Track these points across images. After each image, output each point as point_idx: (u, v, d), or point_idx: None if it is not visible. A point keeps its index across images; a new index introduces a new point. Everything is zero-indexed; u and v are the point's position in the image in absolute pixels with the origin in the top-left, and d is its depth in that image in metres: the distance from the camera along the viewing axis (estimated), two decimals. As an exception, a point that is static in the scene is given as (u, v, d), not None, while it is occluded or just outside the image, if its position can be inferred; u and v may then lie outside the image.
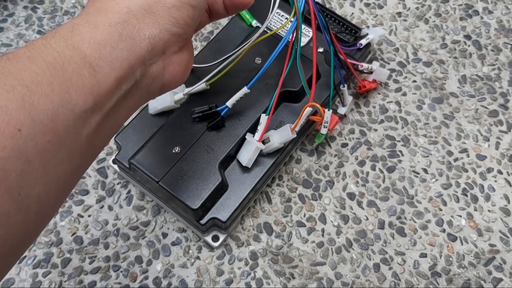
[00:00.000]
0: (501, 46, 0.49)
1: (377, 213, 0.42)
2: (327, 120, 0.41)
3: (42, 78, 0.22)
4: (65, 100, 0.22)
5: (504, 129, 0.46)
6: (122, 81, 0.25)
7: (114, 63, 0.24)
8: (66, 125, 0.22)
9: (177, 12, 0.26)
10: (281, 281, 0.40)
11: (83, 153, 0.24)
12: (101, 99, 0.24)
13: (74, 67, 0.23)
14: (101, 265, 0.40)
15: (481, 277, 0.40)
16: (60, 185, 0.23)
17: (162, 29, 0.26)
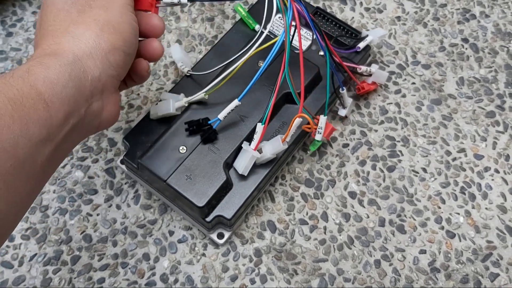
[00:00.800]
0: (498, 49, 0.51)
1: (378, 211, 0.43)
2: (321, 126, 0.41)
3: (4, 111, 0.25)
4: (24, 131, 0.26)
5: (501, 130, 0.47)
6: (70, 116, 0.29)
7: (64, 99, 0.28)
8: (25, 153, 0.26)
9: (113, 57, 0.31)
10: (284, 277, 0.41)
11: (38, 178, 0.28)
12: (53, 131, 0.28)
13: (31, 102, 0.26)
14: (109, 262, 0.41)
15: (479, 272, 0.41)
16: (19, 204, 0.27)
17: (101, 71, 0.30)
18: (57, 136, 0.28)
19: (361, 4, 0.53)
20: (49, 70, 0.28)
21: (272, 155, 0.40)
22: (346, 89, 0.44)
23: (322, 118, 0.41)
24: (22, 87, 0.27)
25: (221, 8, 0.52)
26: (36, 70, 0.28)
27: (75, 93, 0.29)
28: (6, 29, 0.51)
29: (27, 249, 0.41)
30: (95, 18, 0.31)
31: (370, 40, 0.46)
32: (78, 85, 0.29)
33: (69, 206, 0.43)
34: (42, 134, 0.27)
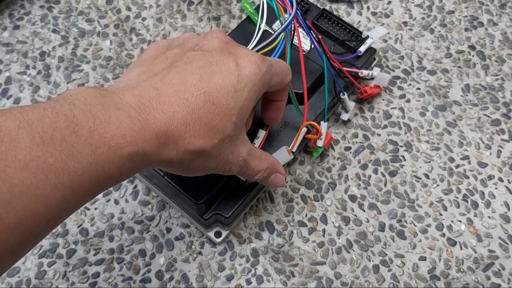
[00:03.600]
0: (505, 57, 0.50)
1: (378, 215, 0.43)
2: (322, 132, 0.41)
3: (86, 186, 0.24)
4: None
5: (506, 138, 0.46)
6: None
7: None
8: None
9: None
10: (281, 279, 0.40)
11: None
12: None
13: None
14: (105, 257, 0.41)
15: (480, 282, 0.40)
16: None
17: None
18: None
19: (368, 8, 0.53)
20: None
21: None
22: (347, 94, 0.44)
23: (323, 124, 0.41)
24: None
25: (227, 7, 0.52)
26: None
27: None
28: (13, 22, 0.52)
29: None
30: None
31: (371, 42, 0.45)
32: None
33: (67, 199, 0.43)
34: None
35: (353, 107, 0.45)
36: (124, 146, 0.24)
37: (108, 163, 0.24)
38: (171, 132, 0.26)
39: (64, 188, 0.22)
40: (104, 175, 0.24)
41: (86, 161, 0.23)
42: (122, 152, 0.24)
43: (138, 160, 0.25)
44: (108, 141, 0.23)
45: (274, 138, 0.41)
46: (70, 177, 0.22)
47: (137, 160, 0.25)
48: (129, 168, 0.25)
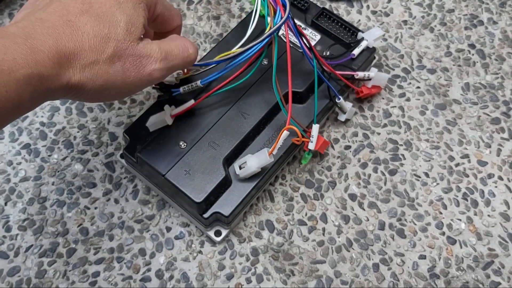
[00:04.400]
0: (505, 55, 0.50)
1: (378, 214, 0.43)
2: (313, 135, 0.40)
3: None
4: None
5: (505, 137, 0.46)
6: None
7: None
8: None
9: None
10: (281, 278, 0.40)
11: None
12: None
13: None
14: (105, 256, 0.41)
15: (480, 280, 0.40)
16: None
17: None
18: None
19: (368, 7, 0.53)
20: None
21: (257, 169, 0.39)
22: (343, 97, 0.43)
23: (314, 127, 0.40)
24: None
25: (227, 7, 0.52)
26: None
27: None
28: (13, 22, 0.52)
29: (24, 240, 0.41)
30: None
31: (366, 44, 0.44)
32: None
33: (67, 198, 0.43)
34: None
35: (351, 107, 0.45)
36: (17, 69, 0.25)
37: (5, 87, 0.25)
38: (61, 51, 0.27)
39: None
40: (4, 100, 0.25)
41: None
42: (16, 75, 0.25)
43: (36, 83, 0.26)
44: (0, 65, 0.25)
45: (263, 139, 0.41)
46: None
47: (35, 84, 0.26)
48: (29, 93, 0.26)
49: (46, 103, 0.47)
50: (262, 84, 0.43)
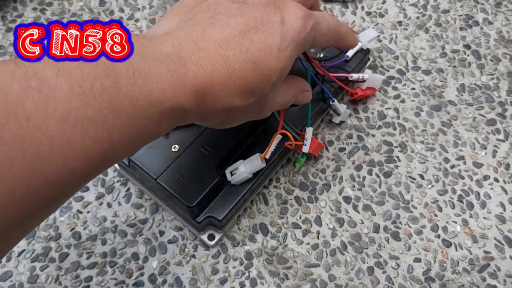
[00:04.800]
0: (500, 56, 0.50)
1: (373, 217, 0.42)
2: (307, 137, 0.40)
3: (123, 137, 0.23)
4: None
5: (501, 138, 0.46)
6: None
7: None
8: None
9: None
10: (275, 282, 0.40)
11: None
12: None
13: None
14: (98, 261, 0.40)
15: (475, 283, 0.40)
16: None
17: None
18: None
19: (362, 8, 0.52)
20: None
21: (248, 175, 0.39)
22: (337, 100, 0.43)
23: (308, 130, 0.40)
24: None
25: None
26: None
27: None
28: (6, 25, 0.51)
29: (16, 245, 0.41)
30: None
31: (360, 46, 0.44)
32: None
33: (59, 203, 0.43)
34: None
35: (345, 109, 0.44)
36: (163, 102, 0.23)
37: (147, 118, 0.23)
38: (210, 90, 0.25)
39: (103, 143, 0.21)
40: (143, 131, 0.23)
41: (126, 115, 0.22)
42: (161, 107, 0.23)
43: (176, 116, 0.25)
44: (148, 95, 0.23)
45: (256, 142, 0.41)
46: (109, 131, 0.21)
47: (175, 116, 0.25)
48: (167, 124, 0.25)
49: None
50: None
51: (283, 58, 0.27)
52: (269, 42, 0.27)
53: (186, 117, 0.26)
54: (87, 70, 0.21)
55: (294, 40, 0.28)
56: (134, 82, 0.22)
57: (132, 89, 0.22)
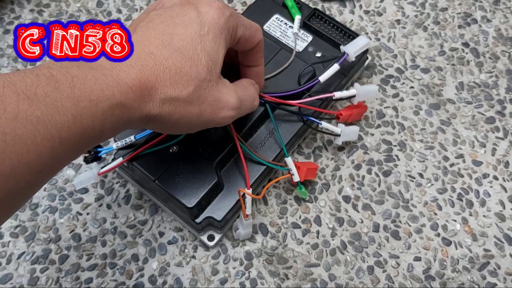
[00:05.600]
0: (499, 54, 0.50)
1: (372, 216, 0.42)
2: (291, 168, 0.40)
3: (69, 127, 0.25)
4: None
5: (500, 136, 0.46)
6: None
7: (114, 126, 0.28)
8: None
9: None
10: (275, 282, 0.40)
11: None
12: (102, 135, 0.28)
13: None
14: (98, 262, 0.40)
15: (475, 281, 0.40)
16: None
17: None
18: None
19: (360, 6, 0.52)
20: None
21: (248, 234, 0.40)
22: (326, 121, 0.41)
23: (287, 160, 0.40)
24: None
25: (219, 8, 0.52)
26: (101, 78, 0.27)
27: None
28: (3, 27, 0.51)
29: (16, 247, 0.41)
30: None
31: (344, 58, 0.41)
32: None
33: (59, 204, 0.43)
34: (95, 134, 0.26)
35: (344, 129, 0.41)
36: (103, 100, 0.26)
37: (91, 117, 0.25)
38: (144, 84, 0.27)
39: (53, 139, 0.24)
40: (89, 128, 0.25)
41: (71, 114, 0.24)
42: (102, 105, 0.26)
43: (119, 114, 0.27)
44: (88, 95, 0.25)
45: (261, 143, 0.41)
46: (57, 128, 0.24)
47: (117, 114, 0.27)
48: (111, 123, 0.27)
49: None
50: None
51: (206, 42, 0.29)
52: (189, 32, 0.29)
53: (130, 116, 0.27)
54: (29, 81, 0.24)
55: (214, 25, 0.30)
56: (73, 86, 0.25)
57: (72, 92, 0.25)
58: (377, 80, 0.48)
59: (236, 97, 0.32)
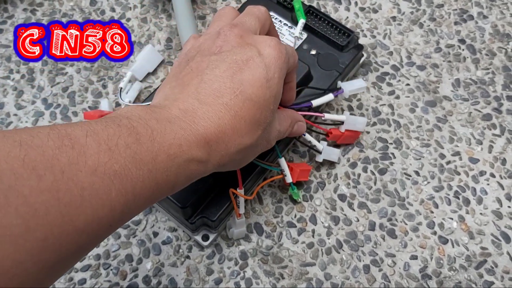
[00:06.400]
0: (496, 50, 0.50)
1: (368, 214, 0.42)
2: (283, 168, 0.39)
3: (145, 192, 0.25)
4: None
5: (497, 133, 0.46)
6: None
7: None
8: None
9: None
10: (270, 281, 0.40)
11: None
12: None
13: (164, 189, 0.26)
14: (91, 263, 0.40)
15: (472, 280, 0.40)
16: None
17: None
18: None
19: (356, 3, 0.52)
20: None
21: (242, 232, 0.40)
22: (308, 133, 0.41)
23: (280, 161, 0.40)
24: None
25: (213, 6, 0.52)
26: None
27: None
28: (-4, 26, 0.51)
29: None
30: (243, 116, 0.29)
31: (330, 99, 0.41)
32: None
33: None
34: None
35: (326, 147, 0.42)
36: (180, 155, 0.26)
37: (167, 171, 0.25)
38: (221, 137, 0.28)
39: (127, 194, 0.23)
40: (163, 183, 0.25)
41: (147, 169, 0.24)
42: (178, 160, 0.26)
43: (194, 168, 0.27)
44: (167, 149, 0.25)
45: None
46: (132, 183, 0.23)
47: (192, 168, 0.27)
48: (185, 177, 0.27)
49: (30, 108, 0.46)
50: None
51: (273, 86, 0.29)
52: (257, 77, 0.29)
53: (205, 167, 0.28)
54: (112, 131, 0.24)
55: (277, 67, 0.30)
56: (153, 139, 0.25)
57: (152, 145, 0.25)
58: (373, 78, 0.48)
59: (283, 126, 0.34)
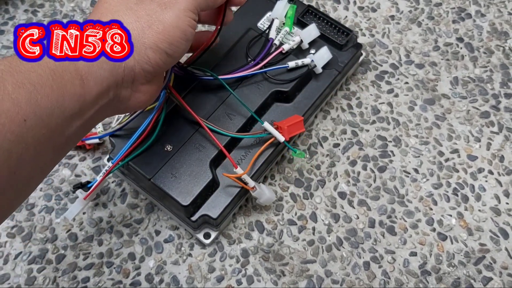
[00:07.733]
0: (493, 48, 0.50)
1: (368, 212, 0.42)
2: (270, 131, 0.39)
3: (45, 80, 0.26)
4: (60, 103, 0.26)
5: (495, 130, 0.46)
6: (101, 96, 0.29)
7: (98, 80, 0.28)
8: (57, 124, 0.26)
9: (152, 54, 0.30)
10: (271, 278, 0.40)
11: (62, 149, 0.29)
12: (84, 108, 0.28)
13: (69, 76, 0.27)
14: (94, 261, 0.41)
15: (471, 276, 0.40)
16: (42, 171, 0.28)
17: (136, 63, 0.30)
18: (86, 113, 0.28)
19: (354, 3, 0.52)
20: None
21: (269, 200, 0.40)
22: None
23: (265, 125, 0.39)
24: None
25: (213, 6, 0.52)
26: None
27: (109, 76, 0.29)
28: (-2, 27, 0.51)
29: (12, 247, 0.41)
30: (149, 12, 0.30)
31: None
32: (111, 69, 0.29)
33: (56, 204, 0.43)
34: (75, 109, 0.27)
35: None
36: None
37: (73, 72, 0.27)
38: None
39: (24, 85, 0.25)
40: (69, 85, 0.26)
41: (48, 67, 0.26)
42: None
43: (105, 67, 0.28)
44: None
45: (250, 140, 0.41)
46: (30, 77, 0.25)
47: (104, 68, 0.28)
48: (95, 80, 0.28)
49: (32, 109, 0.46)
50: (248, 85, 0.42)
51: None
52: None
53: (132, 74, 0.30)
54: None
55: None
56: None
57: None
58: (372, 76, 0.48)
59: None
